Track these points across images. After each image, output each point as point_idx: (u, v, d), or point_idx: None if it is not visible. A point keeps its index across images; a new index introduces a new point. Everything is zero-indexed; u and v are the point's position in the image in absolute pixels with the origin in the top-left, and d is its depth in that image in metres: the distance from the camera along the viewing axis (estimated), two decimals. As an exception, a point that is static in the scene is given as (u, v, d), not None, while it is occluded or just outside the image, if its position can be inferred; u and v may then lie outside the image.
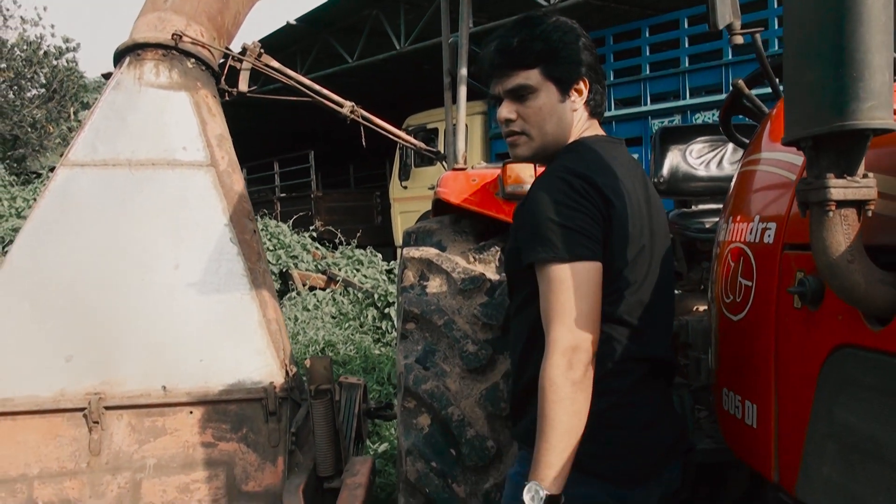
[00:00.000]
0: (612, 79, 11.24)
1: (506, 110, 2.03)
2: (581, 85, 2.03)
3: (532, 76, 1.99)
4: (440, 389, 2.56)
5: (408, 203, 13.84)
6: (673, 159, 3.36)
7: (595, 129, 2.12)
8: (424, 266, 2.90)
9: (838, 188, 1.33)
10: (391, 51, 14.46)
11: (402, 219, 13.98)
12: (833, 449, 1.53)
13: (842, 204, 1.35)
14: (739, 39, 2.19)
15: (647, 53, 10.76)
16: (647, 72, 10.76)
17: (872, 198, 1.35)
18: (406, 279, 2.91)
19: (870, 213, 1.37)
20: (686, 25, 10.26)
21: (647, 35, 10.75)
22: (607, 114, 10.91)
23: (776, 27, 9.35)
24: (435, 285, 2.83)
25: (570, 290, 1.82)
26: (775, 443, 1.79)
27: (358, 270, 11.10)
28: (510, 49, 2.00)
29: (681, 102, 10.18)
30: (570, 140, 2.06)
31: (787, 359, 1.74)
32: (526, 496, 1.76)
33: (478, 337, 2.64)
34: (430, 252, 2.92)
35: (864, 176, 1.35)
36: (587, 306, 1.83)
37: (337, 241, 12.95)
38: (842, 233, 1.36)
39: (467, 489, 2.48)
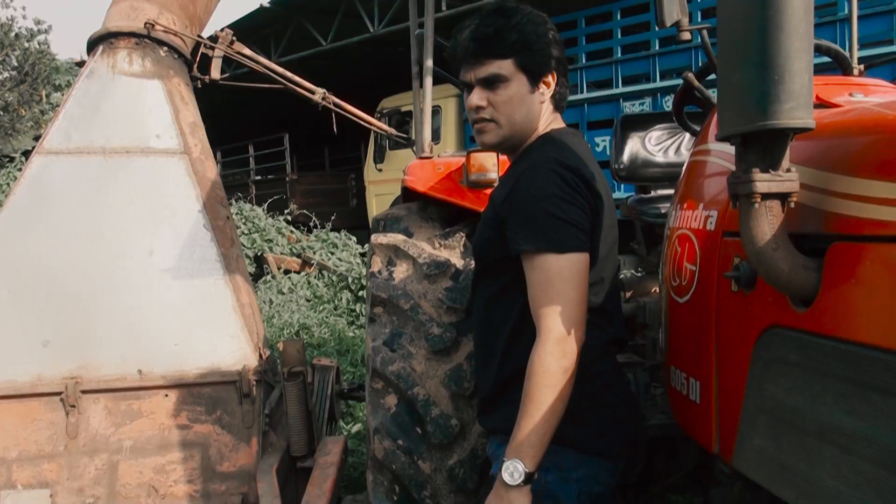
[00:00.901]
0: (584, 61, 11.33)
1: (476, 97, 2.06)
2: (550, 78, 2.08)
3: (505, 66, 2.02)
4: (406, 370, 2.66)
5: (382, 186, 13.84)
6: (633, 146, 3.47)
7: (559, 122, 2.18)
8: (392, 252, 2.99)
9: (763, 181, 1.44)
10: (365, 34, 14.42)
11: (377, 201, 13.98)
12: (763, 421, 1.65)
13: (766, 196, 1.46)
14: (687, 36, 2.28)
15: (619, 36, 10.83)
16: (619, 55, 10.84)
17: (795, 190, 1.46)
18: (374, 265, 3.01)
19: (793, 205, 1.48)
20: (657, 8, 10.32)
21: (619, 18, 10.82)
22: (580, 96, 11.04)
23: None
24: (402, 271, 2.92)
25: (564, 280, 1.89)
26: (716, 417, 1.91)
27: (332, 254, 11.15)
28: (485, 38, 2.03)
29: (651, 85, 10.26)
30: (536, 131, 2.13)
31: (726, 338, 1.86)
32: (504, 473, 1.85)
33: (442, 320, 2.74)
34: (397, 238, 3.02)
35: (788, 170, 1.46)
36: (578, 296, 1.90)
37: (311, 224, 12.98)
38: (767, 223, 1.47)
39: (432, 465, 2.58)
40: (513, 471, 1.85)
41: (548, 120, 2.14)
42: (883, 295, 1.32)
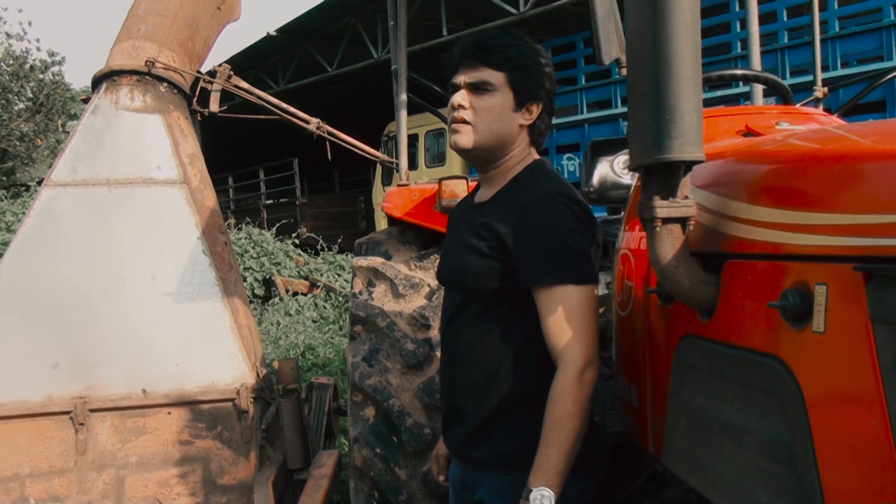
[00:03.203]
0: (583, 82, 11.57)
1: (460, 97, 2.10)
2: (535, 107, 2.14)
3: (496, 77, 2.08)
4: (383, 384, 2.86)
5: (391, 208, 14.07)
6: (602, 170, 3.65)
7: (535, 156, 2.22)
8: (371, 274, 3.20)
9: (663, 207, 1.64)
10: (369, 59, 14.72)
11: (386, 223, 14.17)
12: (682, 422, 1.84)
13: (667, 220, 1.65)
14: (626, 72, 2.46)
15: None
16: (617, 75, 11.06)
17: (692, 215, 1.66)
18: (355, 286, 3.21)
19: (692, 227, 1.68)
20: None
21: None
22: (580, 116, 11.25)
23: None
24: (380, 291, 3.13)
25: (584, 311, 1.96)
26: (650, 419, 2.11)
27: (339, 275, 11.37)
28: (486, 46, 2.09)
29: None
30: (512, 156, 2.16)
31: (654, 348, 2.06)
32: (534, 502, 1.89)
33: (416, 337, 2.94)
34: (376, 261, 3.23)
35: (686, 197, 1.65)
36: (595, 325, 1.98)
37: (319, 246, 13.19)
38: (669, 244, 1.66)
39: (408, 472, 2.78)
40: (541, 499, 1.88)
41: (525, 151, 2.18)
42: (762, 306, 1.51)
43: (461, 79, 2.12)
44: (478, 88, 2.10)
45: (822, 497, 1.32)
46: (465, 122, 2.11)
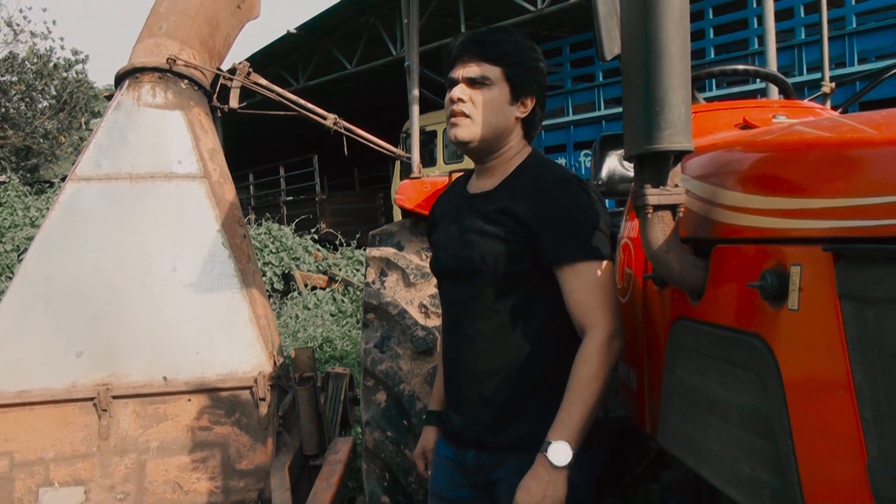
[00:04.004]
0: (601, 79, 11.66)
1: (459, 91, 2.17)
2: (529, 100, 2.21)
3: (493, 71, 2.15)
4: (394, 369, 2.96)
5: (410, 203, 14.16)
6: (610, 164, 3.73)
7: (529, 148, 2.30)
8: (384, 264, 3.30)
9: (654, 195, 1.72)
10: (388, 56, 14.81)
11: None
12: (676, 401, 1.93)
13: (658, 207, 1.73)
14: (628, 67, 2.55)
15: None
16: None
17: (681, 202, 1.74)
18: (369, 275, 3.32)
19: (681, 214, 1.76)
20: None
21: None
22: (597, 113, 11.33)
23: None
24: (392, 280, 3.23)
25: (608, 283, 2.07)
26: (647, 401, 2.19)
27: (357, 270, 11.49)
28: (484, 42, 2.17)
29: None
30: (510, 146, 2.24)
31: (651, 331, 2.15)
32: (552, 455, 1.95)
33: (426, 324, 3.04)
34: (388, 251, 3.33)
35: (676, 185, 1.74)
36: (617, 298, 2.10)
37: (338, 242, 13.32)
38: (660, 230, 1.75)
39: (417, 454, 2.88)
40: (561, 453, 1.95)
41: (521, 143, 2.26)
42: (744, 287, 1.59)
43: (459, 73, 2.19)
44: (476, 83, 2.17)
45: (797, 463, 1.41)
46: (464, 115, 2.18)
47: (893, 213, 1.19)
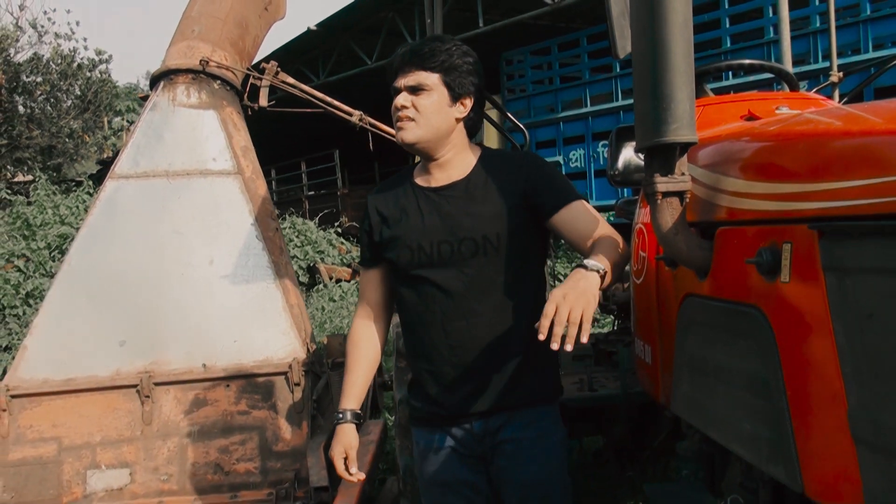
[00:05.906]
0: (618, 70, 11.80)
1: (402, 99, 2.35)
2: (467, 100, 2.40)
3: (431, 78, 2.34)
4: (423, 350, 3.13)
5: (430, 197, 14.29)
6: (626, 154, 3.87)
7: (476, 146, 2.53)
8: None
9: (662, 183, 1.90)
10: (408, 51, 14.91)
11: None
12: (686, 371, 2.11)
13: (667, 194, 1.91)
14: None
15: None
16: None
17: (687, 189, 1.91)
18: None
19: (688, 200, 1.93)
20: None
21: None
22: (615, 104, 11.45)
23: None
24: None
25: (598, 216, 2.36)
26: (661, 373, 2.37)
27: (380, 262, 11.62)
28: (421, 53, 2.35)
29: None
30: (453, 144, 2.42)
31: (663, 308, 2.33)
32: (589, 263, 2.08)
33: None
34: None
35: (682, 174, 1.91)
36: None
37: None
38: (668, 214, 1.92)
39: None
40: (596, 266, 2.07)
41: (465, 140, 2.46)
42: (744, 264, 1.77)
43: (401, 82, 2.38)
44: (416, 90, 2.36)
45: (790, 417, 1.58)
46: (408, 118, 2.36)
47: (867, 193, 1.36)
